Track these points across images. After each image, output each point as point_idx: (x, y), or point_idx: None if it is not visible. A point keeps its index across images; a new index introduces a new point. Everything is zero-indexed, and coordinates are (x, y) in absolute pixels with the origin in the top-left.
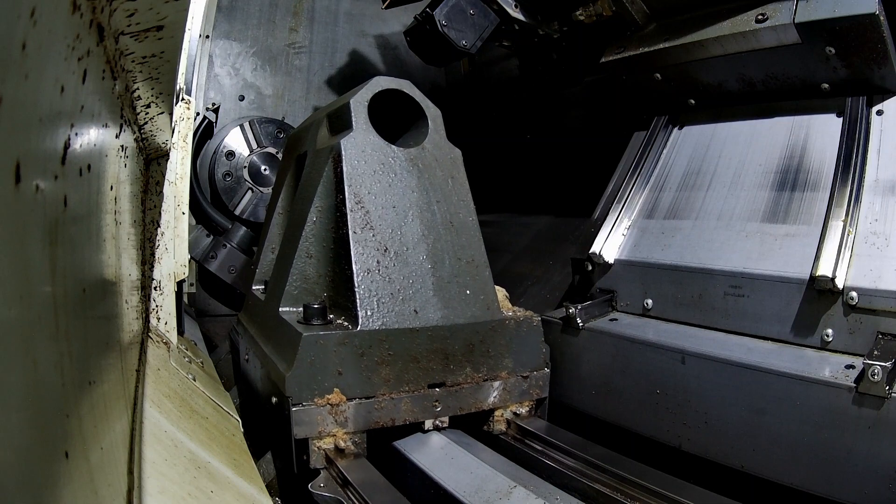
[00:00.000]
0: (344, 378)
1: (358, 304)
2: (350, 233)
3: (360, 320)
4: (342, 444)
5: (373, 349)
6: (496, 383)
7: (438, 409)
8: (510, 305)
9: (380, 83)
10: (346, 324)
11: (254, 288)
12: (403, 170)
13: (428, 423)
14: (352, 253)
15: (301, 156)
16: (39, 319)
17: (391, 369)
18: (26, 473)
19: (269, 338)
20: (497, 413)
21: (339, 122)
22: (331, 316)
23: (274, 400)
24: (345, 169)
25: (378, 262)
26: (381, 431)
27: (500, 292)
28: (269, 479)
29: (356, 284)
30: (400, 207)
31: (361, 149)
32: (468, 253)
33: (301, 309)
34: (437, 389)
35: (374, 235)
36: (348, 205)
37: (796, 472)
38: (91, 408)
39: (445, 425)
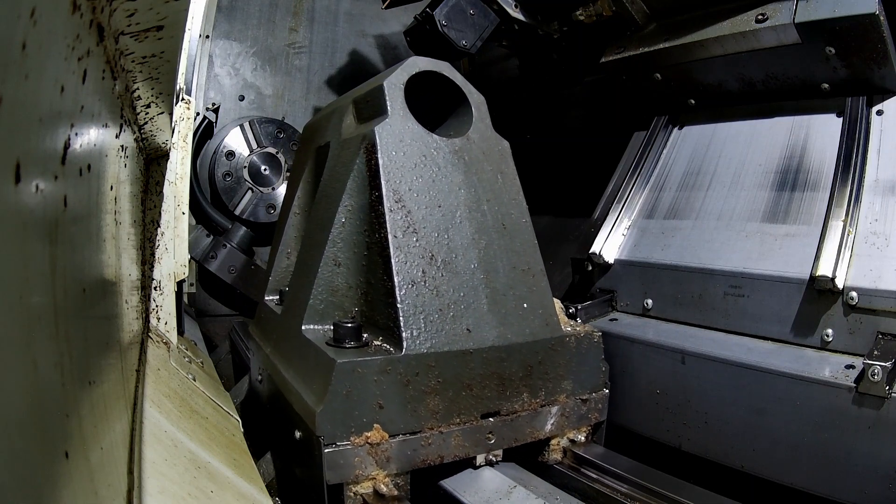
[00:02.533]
0: (385, 412)
1: (402, 323)
2: (390, 237)
3: (404, 342)
4: (383, 489)
5: (420, 376)
6: (554, 409)
7: (492, 441)
8: (566, 319)
9: (417, 64)
10: (386, 346)
11: (266, 298)
12: (448, 163)
13: (480, 458)
14: (392, 261)
15: (322, 147)
16: (39, 319)
17: (440, 399)
18: (26, 473)
19: (290, 360)
20: (553, 442)
21: (370, 107)
22: (365, 336)
23: (298, 435)
24: (381, 161)
25: (423, 271)
26: (427, 470)
27: (556, 304)
28: (269, 479)
29: (399, 299)
30: (446, 207)
31: (399, 138)
32: (524, 260)
33: (328, 327)
34: (491, 419)
35: (417, 240)
36: (386, 204)
37: (796, 472)
38: (91, 408)
39: (499, 459)
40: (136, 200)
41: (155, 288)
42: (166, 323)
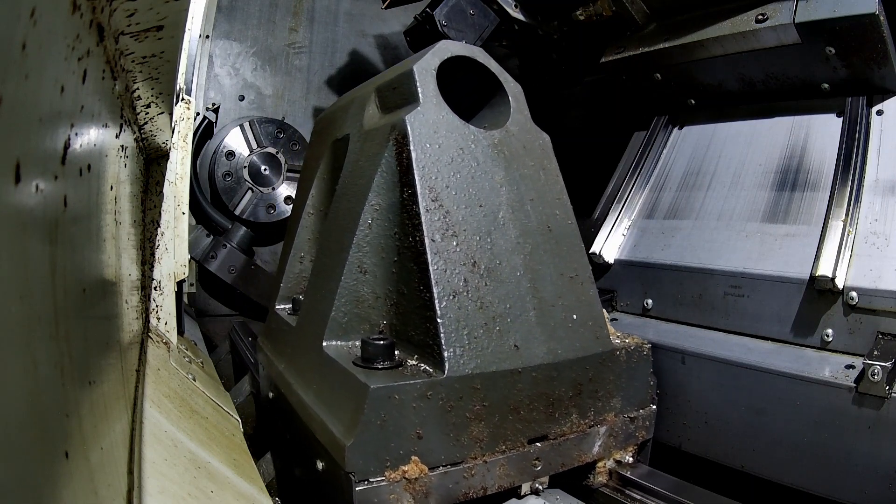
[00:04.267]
0: (424, 442)
1: (443, 341)
2: (427, 241)
3: (446, 362)
4: None
5: (463, 401)
6: (602, 429)
7: (538, 468)
8: (612, 329)
9: (449, 48)
10: (423, 367)
11: (277, 307)
12: (487, 157)
13: (525, 487)
14: (430, 269)
15: (339, 141)
16: (39, 319)
17: (485, 425)
18: (26, 473)
19: (309, 381)
20: (599, 464)
21: (397, 95)
22: (398, 354)
23: (320, 466)
24: (414, 154)
25: (465, 280)
26: (468, 503)
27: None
28: (269, 479)
29: (438, 312)
30: (488, 207)
31: (433, 128)
32: (571, 266)
33: (354, 343)
34: (538, 444)
35: (457, 244)
36: (422, 203)
37: (796, 472)
38: (91, 408)
39: (545, 486)
40: (136, 200)
41: (155, 288)
42: (166, 323)
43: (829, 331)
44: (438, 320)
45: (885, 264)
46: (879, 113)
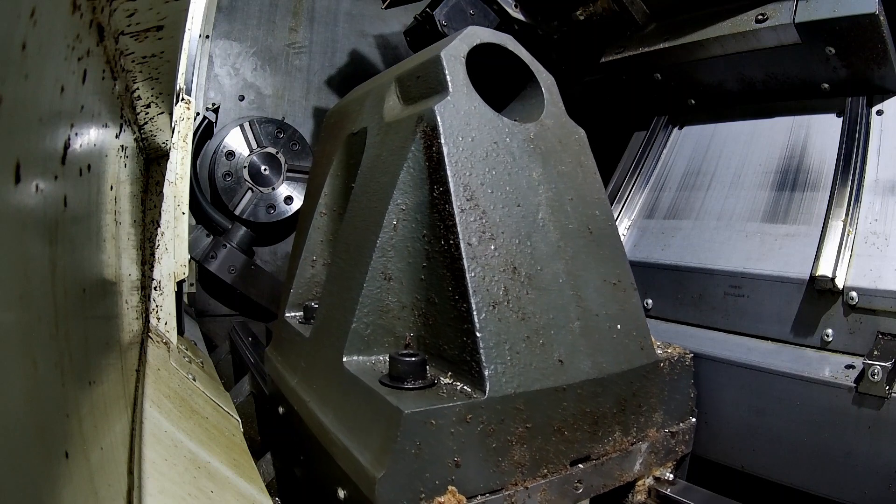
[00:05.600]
0: (463, 469)
1: (483, 357)
2: (462, 245)
3: (487, 381)
4: None
5: (505, 423)
6: (644, 446)
7: (580, 491)
8: (653, 339)
9: (477, 34)
10: (460, 386)
11: (287, 315)
12: (524, 153)
13: None
14: (467, 276)
15: (355, 135)
16: (39, 319)
17: (527, 448)
18: (26, 473)
19: (327, 399)
20: (639, 483)
21: (422, 84)
22: (428, 370)
23: (342, 494)
24: (446, 148)
25: (505, 289)
26: None
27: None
28: (269, 479)
29: (478, 325)
30: (526, 207)
31: (465, 120)
32: (613, 272)
33: (379, 358)
34: (581, 466)
35: (496, 249)
36: (455, 202)
37: (796, 472)
38: (91, 408)
39: None
40: (136, 200)
41: (155, 288)
42: (166, 323)
43: (829, 331)
44: (477, 334)
45: (885, 264)
46: (879, 113)
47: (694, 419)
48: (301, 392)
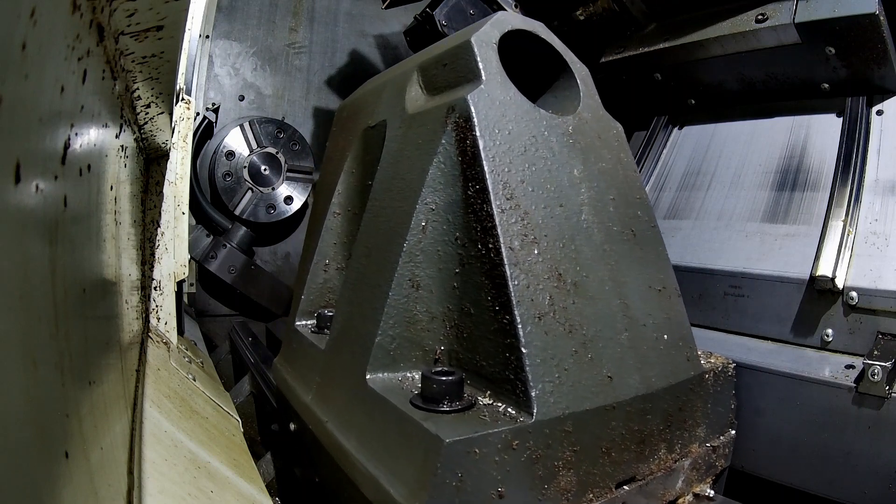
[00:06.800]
0: (506, 501)
1: (530, 376)
2: (504, 249)
3: (534, 403)
4: None
5: (552, 448)
6: (686, 462)
7: None
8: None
9: (508, 20)
10: (501, 407)
11: (297, 324)
12: (563, 148)
13: None
14: (510, 284)
15: (372, 128)
16: (39, 319)
17: (574, 473)
18: (26, 473)
19: (348, 421)
20: (679, 501)
21: (449, 72)
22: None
23: None
24: (482, 142)
25: (551, 298)
26: None
27: None
28: (269, 479)
29: (523, 340)
30: (569, 207)
31: (500, 111)
32: (657, 277)
33: (407, 374)
34: (626, 487)
35: (539, 253)
36: (495, 201)
37: (796, 472)
38: (91, 408)
39: None
40: (136, 200)
41: (155, 288)
42: (166, 323)
43: (829, 331)
44: (523, 350)
45: (885, 264)
46: (879, 113)
47: (733, 431)
48: (317, 410)
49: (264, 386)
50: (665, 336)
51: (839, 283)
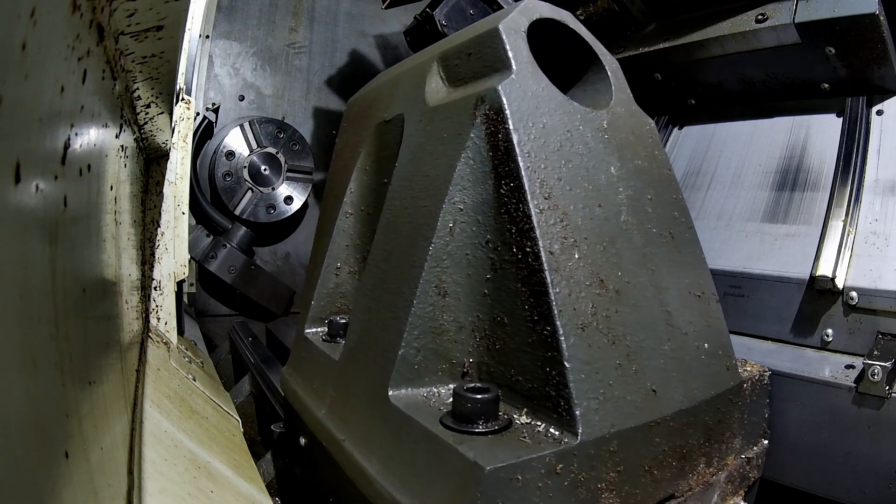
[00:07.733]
0: None
1: (573, 393)
2: (544, 253)
3: (579, 422)
4: None
5: (597, 469)
6: (723, 476)
7: None
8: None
9: (537, 8)
10: (541, 426)
11: (307, 331)
12: (599, 143)
13: None
14: (551, 292)
15: (388, 123)
16: (39, 319)
17: (616, 494)
18: (26, 473)
19: (368, 440)
20: None
21: (475, 61)
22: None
23: None
24: (516, 136)
25: (594, 307)
26: None
27: None
28: (269, 479)
29: (566, 354)
30: (608, 207)
31: (534, 103)
32: (696, 282)
33: (431, 390)
34: None
35: (580, 257)
36: (532, 201)
37: (796, 472)
38: (91, 408)
39: None
40: (136, 200)
41: (155, 288)
42: (166, 323)
43: (829, 331)
44: (566, 364)
45: (885, 264)
46: (879, 113)
47: (766, 441)
48: (331, 426)
49: (264, 386)
50: (706, 345)
51: (839, 283)
